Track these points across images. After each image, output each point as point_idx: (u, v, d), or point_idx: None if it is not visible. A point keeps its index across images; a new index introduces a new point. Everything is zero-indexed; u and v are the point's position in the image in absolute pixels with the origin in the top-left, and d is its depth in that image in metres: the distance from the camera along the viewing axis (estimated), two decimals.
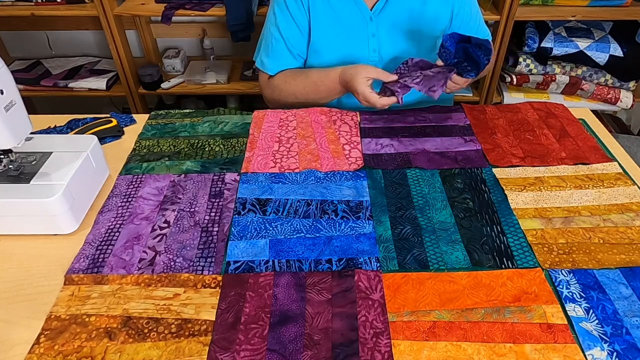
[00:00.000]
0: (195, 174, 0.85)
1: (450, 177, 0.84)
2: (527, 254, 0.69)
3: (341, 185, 0.82)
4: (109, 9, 1.66)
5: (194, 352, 0.57)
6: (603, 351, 0.57)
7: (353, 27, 1.05)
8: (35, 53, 2.07)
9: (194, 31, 2.02)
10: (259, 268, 0.67)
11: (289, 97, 1.07)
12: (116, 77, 1.93)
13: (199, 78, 1.89)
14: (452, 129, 0.96)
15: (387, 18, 1.04)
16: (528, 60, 1.74)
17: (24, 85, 1.88)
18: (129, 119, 1.02)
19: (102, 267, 0.68)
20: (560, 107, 1.04)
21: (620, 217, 0.75)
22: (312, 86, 1.04)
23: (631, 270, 0.66)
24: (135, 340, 0.59)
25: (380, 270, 0.67)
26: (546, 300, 0.62)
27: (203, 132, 0.97)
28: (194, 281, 0.66)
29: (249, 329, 0.60)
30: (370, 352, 0.57)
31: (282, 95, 1.08)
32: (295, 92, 1.06)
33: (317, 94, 1.04)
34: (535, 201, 0.78)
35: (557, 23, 1.72)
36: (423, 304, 0.62)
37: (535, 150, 0.90)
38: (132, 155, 0.91)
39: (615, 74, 1.73)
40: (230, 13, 1.65)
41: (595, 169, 0.85)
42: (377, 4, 1.03)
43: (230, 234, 0.73)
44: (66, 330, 0.60)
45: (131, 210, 0.78)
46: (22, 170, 0.74)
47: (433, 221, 0.75)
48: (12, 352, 0.58)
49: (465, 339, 0.58)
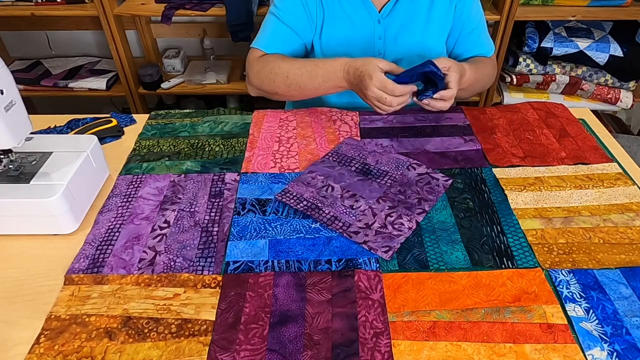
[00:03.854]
0: (195, 174, 0.85)
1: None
2: (527, 254, 0.69)
3: None
4: (109, 9, 1.66)
5: (194, 352, 0.57)
6: (603, 351, 0.57)
7: (360, 29, 1.04)
8: (35, 53, 2.07)
9: (194, 31, 2.02)
10: (258, 268, 0.67)
11: (278, 77, 0.97)
12: (116, 77, 1.93)
13: (199, 78, 1.89)
14: (452, 129, 0.96)
15: (395, 21, 1.03)
16: (528, 60, 1.74)
17: (24, 85, 1.88)
18: (129, 119, 1.02)
19: (102, 267, 0.68)
20: (560, 107, 1.04)
21: (620, 217, 0.75)
22: (310, 66, 0.95)
23: (631, 270, 0.66)
24: (135, 340, 0.59)
25: (380, 270, 0.67)
26: (546, 300, 0.62)
27: (203, 132, 0.97)
28: (194, 281, 0.66)
29: (249, 329, 0.60)
30: (370, 352, 0.57)
31: (271, 73, 0.98)
32: (289, 71, 0.96)
33: (312, 79, 0.95)
34: (535, 201, 0.78)
35: (557, 23, 1.72)
36: (423, 304, 0.62)
37: (535, 150, 0.90)
38: (132, 155, 0.91)
39: (615, 74, 1.73)
40: (230, 13, 1.65)
41: (595, 169, 0.85)
42: (386, 7, 1.02)
43: (230, 234, 0.73)
44: (66, 330, 0.60)
45: (131, 210, 0.78)
46: (22, 170, 0.74)
47: (433, 221, 0.75)
48: (12, 352, 0.58)
49: (465, 339, 0.58)
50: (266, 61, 0.99)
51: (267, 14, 1.05)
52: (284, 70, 0.96)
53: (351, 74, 0.90)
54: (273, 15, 1.03)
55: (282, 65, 0.97)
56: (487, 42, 1.10)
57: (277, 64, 0.98)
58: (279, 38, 1.03)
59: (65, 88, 1.89)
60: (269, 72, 0.98)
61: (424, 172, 0.84)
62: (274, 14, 1.03)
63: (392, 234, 0.72)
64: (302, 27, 1.03)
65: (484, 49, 1.09)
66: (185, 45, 2.08)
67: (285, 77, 0.97)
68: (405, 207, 0.77)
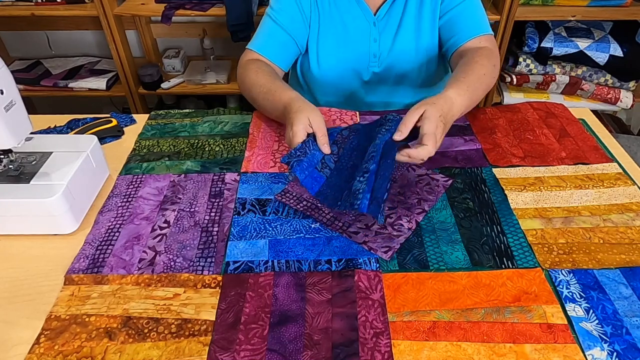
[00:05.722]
0: (195, 174, 0.85)
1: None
2: (527, 254, 0.69)
3: None
4: (109, 9, 1.67)
5: (194, 352, 0.57)
6: (603, 351, 0.57)
7: (355, 31, 1.04)
8: (35, 53, 2.07)
9: (194, 31, 2.02)
10: (258, 268, 0.67)
11: (252, 87, 0.95)
12: (116, 77, 1.94)
13: (199, 78, 1.89)
14: (452, 129, 0.96)
15: (390, 23, 1.03)
16: (528, 60, 1.74)
17: (24, 85, 1.88)
18: (129, 119, 1.02)
19: (102, 267, 0.68)
20: (560, 107, 1.04)
21: (620, 217, 0.75)
22: (267, 88, 0.92)
23: (631, 270, 0.66)
24: (135, 340, 0.59)
25: (380, 270, 0.67)
26: (546, 300, 0.62)
27: (203, 132, 0.97)
28: (194, 281, 0.66)
29: (249, 329, 0.60)
30: (370, 352, 0.57)
31: (245, 81, 0.97)
32: (255, 84, 0.94)
33: (265, 101, 0.92)
34: (535, 201, 0.78)
35: (557, 23, 1.72)
36: (423, 304, 0.62)
37: (535, 150, 0.90)
38: (132, 155, 0.91)
39: (615, 74, 1.73)
40: (230, 13, 1.65)
41: (595, 169, 0.85)
42: (381, 9, 1.02)
43: (230, 234, 0.73)
44: (66, 330, 0.60)
45: (131, 210, 0.78)
46: (22, 170, 0.74)
47: (433, 221, 0.75)
48: (12, 352, 0.58)
49: (465, 339, 0.58)
50: (247, 68, 0.99)
51: (264, 16, 1.05)
52: (254, 83, 0.95)
53: (287, 109, 0.84)
54: (269, 17, 1.03)
55: (254, 77, 0.96)
56: (479, 22, 0.99)
57: (251, 74, 0.96)
58: (273, 40, 1.02)
59: (65, 88, 1.89)
60: (243, 78, 0.99)
61: (423, 173, 0.84)
62: (269, 16, 1.03)
63: (392, 235, 0.72)
64: (298, 29, 1.03)
65: (476, 29, 0.98)
66: (185, 45, 2.08)
67: (249, 89, 0.97)
68: (405, 207, 0.77)
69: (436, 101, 0.77)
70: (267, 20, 1.03)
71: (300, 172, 0.75)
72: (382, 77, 1.08)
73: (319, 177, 0.76)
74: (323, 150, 0.79)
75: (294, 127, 0.78)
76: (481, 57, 0.91)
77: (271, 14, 1.02)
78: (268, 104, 0.92)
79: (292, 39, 1.03)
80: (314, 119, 0.79)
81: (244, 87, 1.00)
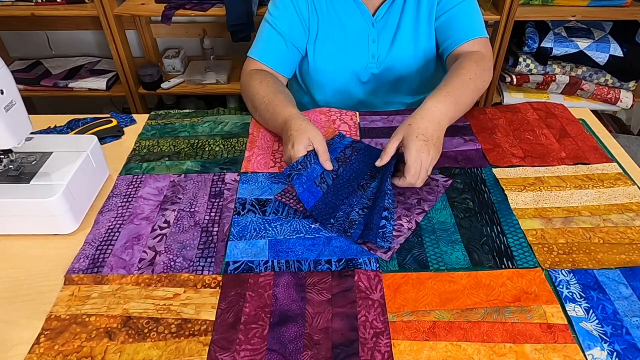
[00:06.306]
0: (195, 174, 0.85)
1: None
2: (527, 254, 0.69)
3: None
4: (109, 9, 1.67)
5: (194, 352, 0.57)
6: (603, 351, 0.57)
7: (354, 32, 1.03)
8: (35, 53, 2.07)
9: (194, 31, 2.02)
10: (258, 268, 0.67)
11: (254, 97, 0.96)
12: (116, 77, 1.94)
13: (199, 78, 1.89)
14: (451, 129, 0.96)
15: (389, 24, 1.03)
16: (528, 60, 1.74)
17: (24, 85, 1.88)
18: (129, 119, 1.02)
19: (102, 267, 0.68)
20: (560, 107, 1.04)
21: (620, 217, 0.75)
22: (268, 101, 0.93)
23: (631, 270, 0.66)
24: (135, 340, 0.59)
25: (380, 270, 0.67)
26: (546, 300, 0.62)
27: (203, 132, 0.97)
28: (194, 281, 0.66)
29: (249, 329, 0.60)
30: (370, 352, 0.57)
31: (249, 90, 0.99)
32: (258, 94, 0.95)
33: (266, 112, 0.93)
34: (535, 201, 0.78)
35: (557, 23, 1.72)
36: (423, 304, 0.62)
37: (535, 150, 0.90)
38: (132, 155, 0.91)
39: (615, 74, 1.73)
40: (230, 13, 1.65)
41: (595, 169, 0.85)
42: (380, 9, 1.02)
43: (230, 234, 0.73)
44: (66, 330, 0.60)
45: (131, 210, 0.78)
46: (22, 170, 0.74)
47: (433, 221, 0.75)
48: (12, 352, 0.58)
49: (465, 339, 0.58)
50: (252, 77, 1.00)
51: (263, 22, 1.05)
52: (254, 93, 0.96)
53: (285, 127, 0.85)
54: (267, 23, 1.03)
55: (256, 87, 0.97)
56: (474, 25, 0.98)
57: (254, 83, 0.98)
58: (272, 48, 1.02)
59: (65, 88, 1.89)
60: (247, 87, 1.00)
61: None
62: (268, 22, 1.03)
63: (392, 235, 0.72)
64: (296, 34, 1.03)
65: (470, 33, 0.97)
66: (185, 45, 2.08)
67: (252, 99, 0.98)
68: (405, 207, 0.77)
69: (412, 121, 0.78)
70: (267, 27, 1.03)
71: (298, 186, 0.76)
72: (380, 78, 1.08)
73: (316, 192, 0.77)
74: (325, 166, 0.80)
75: (295, 147, 0.79)
76: (469, 61, 0.91)
77: (270, 20, 1.02)
78: (268, 116, 0.92)
79: (293, 45, 1.03)
80: (314, 138, 0.80)
81: (246, 96, 1.01)
